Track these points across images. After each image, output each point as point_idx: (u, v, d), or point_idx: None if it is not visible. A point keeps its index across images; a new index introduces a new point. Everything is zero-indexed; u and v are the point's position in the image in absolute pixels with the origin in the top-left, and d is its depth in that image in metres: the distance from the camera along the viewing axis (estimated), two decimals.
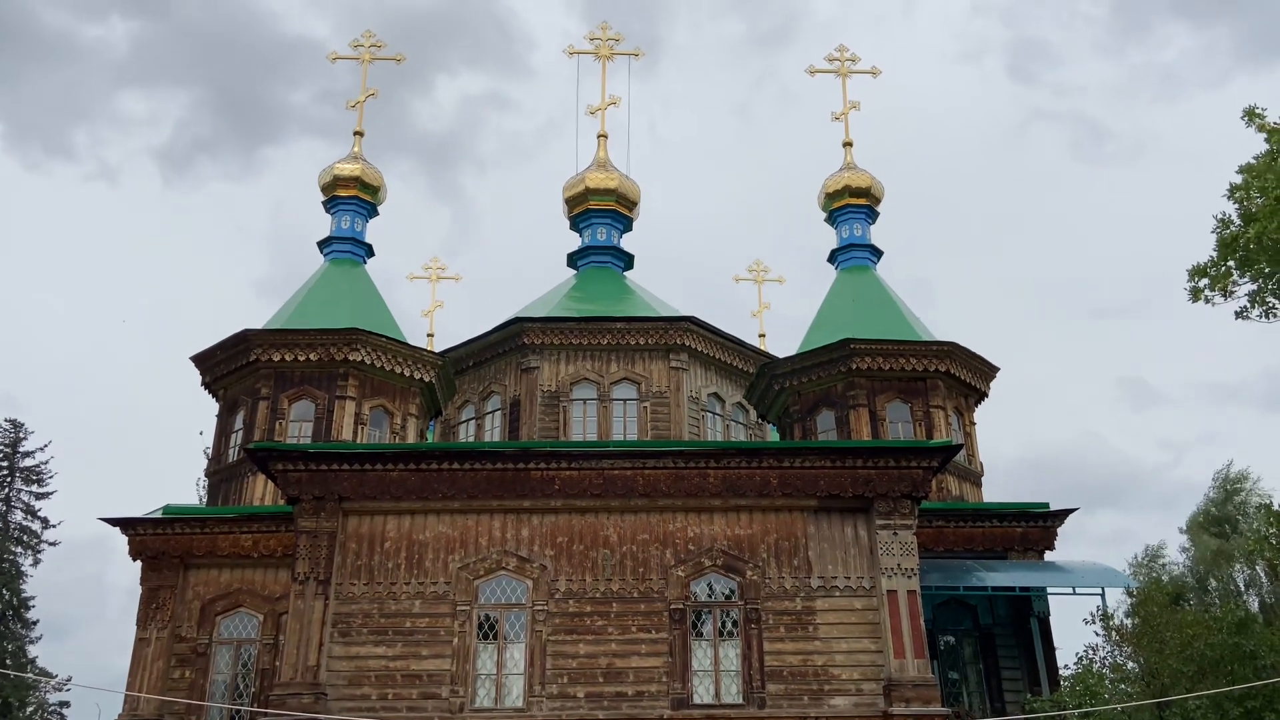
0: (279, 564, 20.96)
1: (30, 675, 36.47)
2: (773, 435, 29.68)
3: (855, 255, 28.12)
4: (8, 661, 36.32)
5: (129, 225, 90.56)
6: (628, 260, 34.76)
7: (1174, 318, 68.38)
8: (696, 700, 17.22)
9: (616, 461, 18.41)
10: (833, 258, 28.60)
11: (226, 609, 21.24)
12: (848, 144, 29.37)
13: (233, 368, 24.85)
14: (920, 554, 18.08)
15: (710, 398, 29.70)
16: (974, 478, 24.70)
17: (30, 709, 39.97)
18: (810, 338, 26.58)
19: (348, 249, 28.02)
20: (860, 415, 24.17)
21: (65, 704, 42.28)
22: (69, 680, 40.05)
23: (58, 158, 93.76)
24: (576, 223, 35.13)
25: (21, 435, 41.80)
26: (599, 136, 35.60)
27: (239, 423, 24.47)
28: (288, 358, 24.14)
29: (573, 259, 34.83)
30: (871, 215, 28.72)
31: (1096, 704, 15.77)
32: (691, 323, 29.19)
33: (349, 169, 28.52)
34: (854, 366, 24.27)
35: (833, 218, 28.84)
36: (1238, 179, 14.94)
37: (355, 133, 29.63)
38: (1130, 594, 18.02)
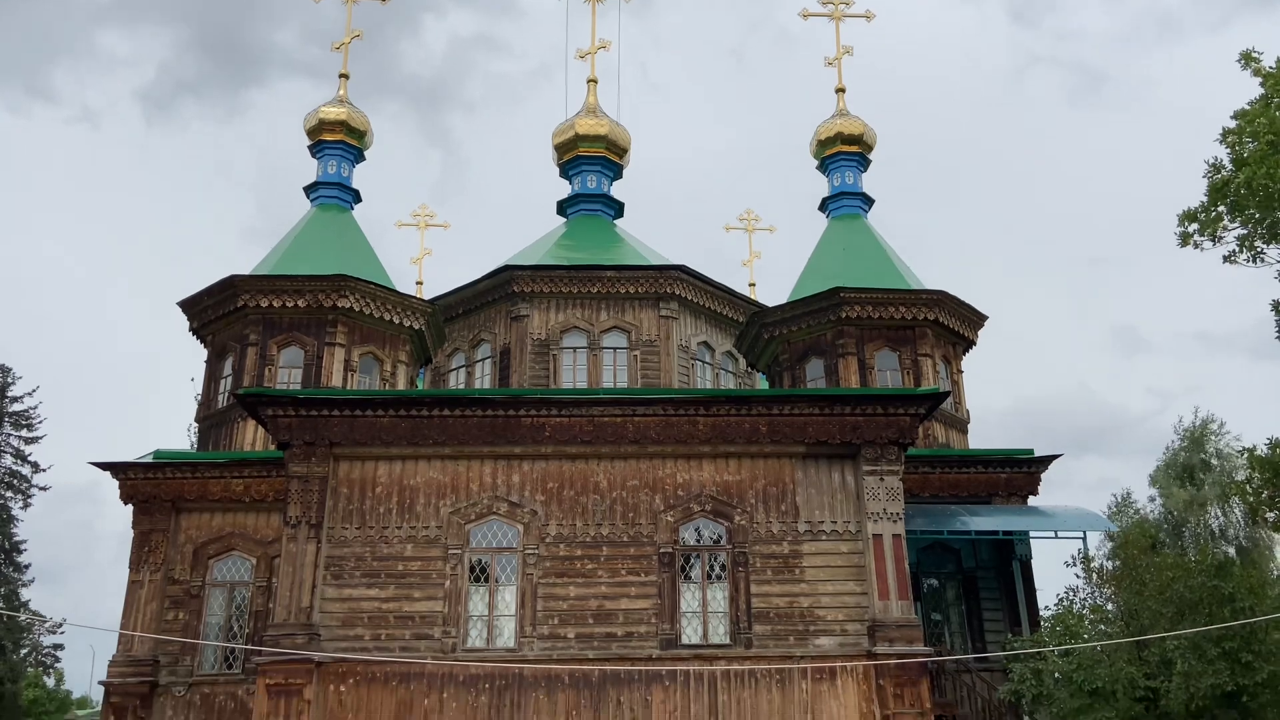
0: (270, 509, 21.10)
1: (24, 617, 36.77)
2: (762, 384, 29.84)
3: (846, 203, 28.04)
4: (0, 605, 36.60)
5: (113, 169, 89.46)
6: (618, 208, 34.56)
7: (1167, 267, 68.71)
8: (685, 641, 17.53)
9: (607, 409, 18.50)
10: (824, 206, 28.50)
11: (219, 552, 21.42)
12: (840, 90, 29.12)
13: (221, 313, 24.77)
14: (906, 499, 18.31)
15: (700, 346, 29.78)
16: (960, 425, 24.95)
17: (24, 651, 40.38)
18: (800, 286, 26.59)
19: (334, 194, 27.74)
20: (849, 363, 24.31)
21: (59, 646, 42.76)
22: (63, 622, 40.46)
23: (39, 100, 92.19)
24: (566, 170, 34.86)
25: (9, 380, 41.67)
26: (589, 81, 35.20)
27: (228, 368, 24.44)
28: (275, 304, 24.04)
29: (562, 207, 34.62)
30: (863, 163, 28.59)
31: (1076, 644, 16.13)
32: (681, 271, 29.16)
33: (334, 112, 28.12)
34: (843, 315, 24.35)
35: (824, 165, 28.69)
36: (1231, 124, 14.91)
37: (340, 75, 29.16)
38: (1111, 538, 18.35)
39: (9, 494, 40.35)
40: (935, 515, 20.79)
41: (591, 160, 34.37)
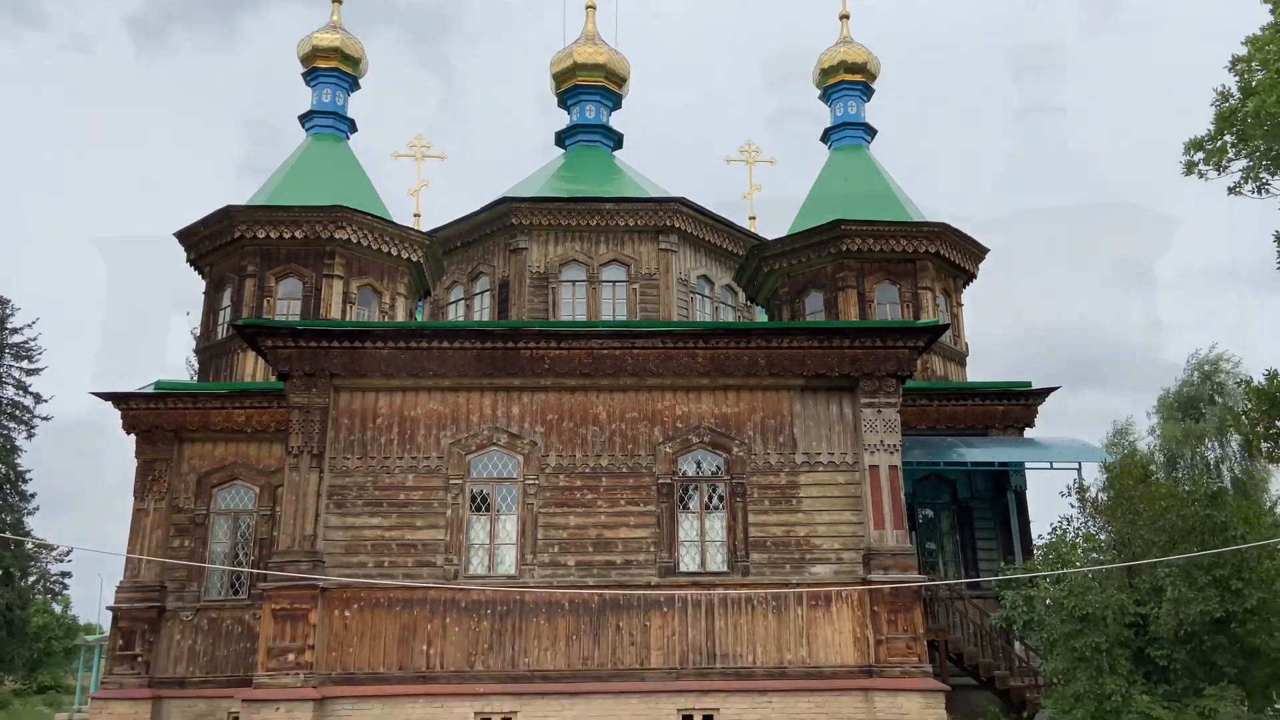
0: (272, 438, 21.25)
1: (31, 543, 37.29)
2: (761, 317, 29.80)
3: (849, 134, 27.69)
4: (6, 532, 37.09)
5: (105, 97, 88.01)
6: (617, 139, 34.14)
7: (1174, 199, 67.92)
8: (683, 569, 17.81)
9: (606, 341, 18.50)
10: (826, 137, 28.16)
11: (222, 481, 21.63)
12: (844, 16, 28.55)
13: (218, 244, 24.60)
14: (903, 431, 18.43)
15: (699, 280, 29.67)
16: (959, 358, 25.00)
17: (32, 579, 41.05)
18: (801, 219, 26.40)
19: (330, 124, 27.35)
20: (849, 296, 24.26)
21: (67, 574, 43.46)
22: (70, 550, 41.04)
23: (30, 27, 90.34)
24: (565, 100, 34.36)
25: (8, 312, 41.63)
26: (587, 8, 34.53)
27: (226, 300, 24.38)
28: (273, 235, 23.87)
29: (561, 138, 34.20)
30: (867, 92, 28.15)
31: (1068, 570, 16.39)
32: (681, 204, 28.90)
33: (328, 39, 27.56)
34: (843, 248, 24.23)
35: (827, 95, 28.26)
36: (1242, 50, 14.63)
37: (334, 0, 28.57)
38: (1106, 469, 18.53)
39: (11, 425, 40.61)
40: (932, 447, 20.96)
41: (590, 90, 33.87)
